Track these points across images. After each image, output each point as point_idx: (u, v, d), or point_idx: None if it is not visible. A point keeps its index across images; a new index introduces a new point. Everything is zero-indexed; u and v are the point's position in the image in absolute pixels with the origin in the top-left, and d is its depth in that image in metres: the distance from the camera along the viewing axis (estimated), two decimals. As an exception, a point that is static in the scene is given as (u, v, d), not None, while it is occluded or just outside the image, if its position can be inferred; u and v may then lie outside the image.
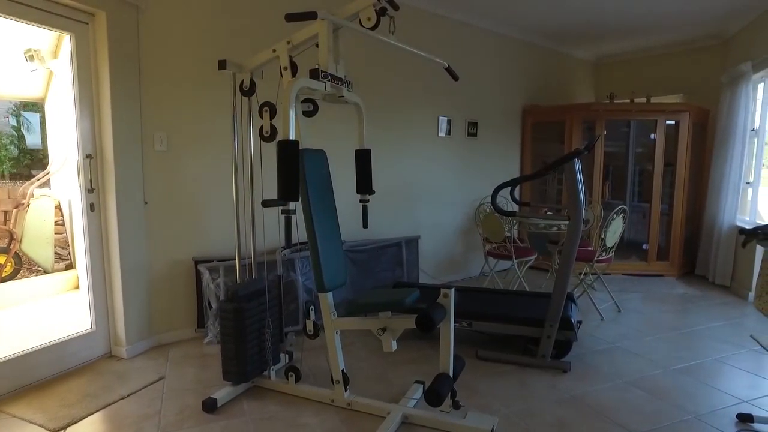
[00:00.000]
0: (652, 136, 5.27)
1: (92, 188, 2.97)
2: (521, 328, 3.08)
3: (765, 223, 2.37)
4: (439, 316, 2.12)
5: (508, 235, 4.27)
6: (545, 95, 6.02)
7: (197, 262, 3.44)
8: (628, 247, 5.60)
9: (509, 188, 3.46)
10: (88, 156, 2.94)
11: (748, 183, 5.03)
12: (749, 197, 5.06)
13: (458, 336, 3.51)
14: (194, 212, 3.45)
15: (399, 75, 4.55)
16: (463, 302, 3.46)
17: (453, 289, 2.20)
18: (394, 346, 2.33)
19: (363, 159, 2.68)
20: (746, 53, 4.93)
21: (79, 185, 2.97)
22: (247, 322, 2.59)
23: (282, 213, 2.07)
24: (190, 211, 3.43)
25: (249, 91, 2.68)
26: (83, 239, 3.02)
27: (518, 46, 5.70)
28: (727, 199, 5.02)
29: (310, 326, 2.57)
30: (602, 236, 3.88)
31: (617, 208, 3.85)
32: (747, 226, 2.46)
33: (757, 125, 4.97)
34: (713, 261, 5.18)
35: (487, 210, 4.38)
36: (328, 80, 2.29)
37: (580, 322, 3.32)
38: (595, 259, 3.98)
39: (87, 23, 2.86)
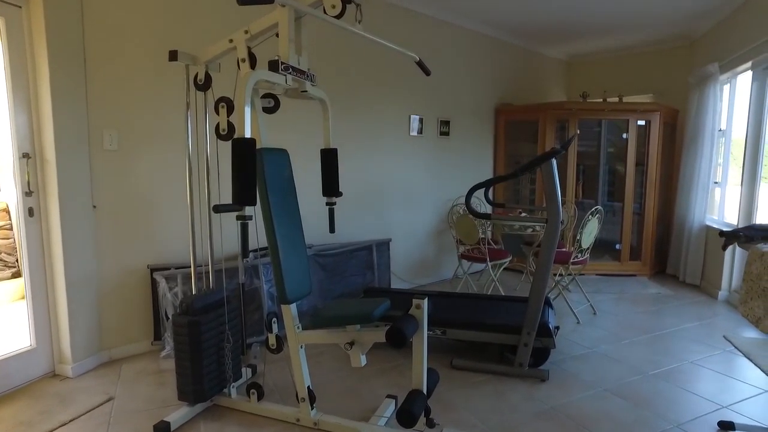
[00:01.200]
0: (624, 135, 5.25)
1: (30, 191, 2.70)
2: (497, 335, 2.95)
3: (745, 225, 2.29)
4: (411, 329, 1.96)
5: (482, 236, 4.15)
6: (518, 94, 5.94)
7: (153, 270, 3.19)
8: (600, 247, 5.57)
9: (483, 189, 3.34)
10: (25, 155, 2.67)
11: (716, 183, 5.06)
12: (717, 197, 5.10)
13: (432, 344, 3.36)
14: (149, 216, 3.20)
15: (368, 71, 4.38)
16: (436, 308, 3.31)
17: (426, 300, 2.04)
18: (363, 361, 2.16)
19: (329, 159, 2.50)
20: (713, 54, 4.95)
21: (15, 187, 2.69)
22: (203, 336, 2.38)
23: (237, 219, 1.87)
24: (144, 215, 3.18)
25: (204, 85, 2.46)
26: (22, 247, 2.74)
27: (491, 44, 5.60)
28: (696, 199, 5.03)
29: (272, 340, 2.37)
30: (578, 237, 3.80)
31: (593, 209, 3.78)
32: (725, 228, 2.39)
33: (724, 126, 5.00)
34: (684, 260, 5.19)
35: (461, 211, 4.25)
36: (289, 73, 2.10)
37: (557, 328, 3.22)
38: (571, 260, 3.90)
39: (20, 6, 2.59)
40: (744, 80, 4.84)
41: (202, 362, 2.37)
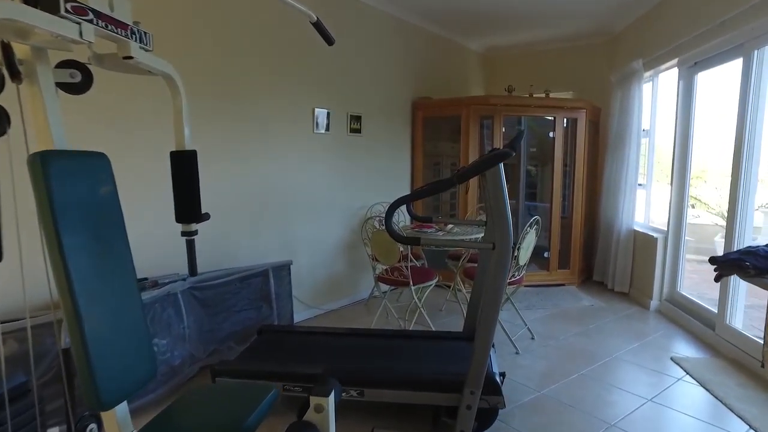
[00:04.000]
0: (551, 134, 4.85)
1: None
2: (431, 395, 2.25)
3: (743, 249, 1.78)
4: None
5: (402, 250, 3.47)
6: (436, 88, 5.35)
7: None
8: (527, 255, 5.15)
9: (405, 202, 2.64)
10: None
11: (641, 185, 4.81)
12: (642, 199, 4.86)
13: (346, 408, 2.58)
14: None
15: (262, 49, 3.51)
16: (348, 358, 2.55)
17: (332, 395, 1.26)
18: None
19: (181, 167, 1.63)
20: (636, 50, 4.68)
21: None
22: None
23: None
24: None
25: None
26: None
27: (407, 31, 4.95)
28: (624, 203, 4.74)
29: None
30: (515, 254, 3.23)
31: (531, 220, 3.23)
32: (717, 254, 1.87)
33: (647, 126, 4.76)
34: (612, 267, 4.90)
35: (377, 225, 3.53)
36: (87, 19, 1.22)
37: (503, 375, 2.60)
38: (507, 280, 3.32)
39: None
40: (667, 78, 4.62)
41: None
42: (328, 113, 4.11)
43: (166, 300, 2.71)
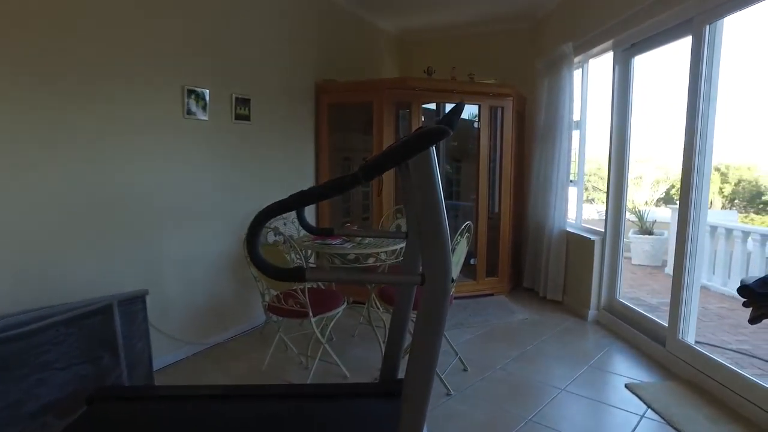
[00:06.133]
0: (476, 124, 4.27)
1: None
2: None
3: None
4: None
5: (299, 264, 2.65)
6: (344, 71, 4.57)
7: None
8: (451, 262, 4.54)
9: (298, 208, 1.85)
10: None
11: (571, 181, 4.38)
12: (573, 197, 4.44)
13: None
14: None
15: (91, 10, 2.52)
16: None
17: None
18: None
19: None
20: (563, 34, 4.22)
21: None
22: None
23: None
24: None
25: None
26: None
27: (307, 1, 4.12)
28: (555, 201, 4.27)
29: None
30: (443, 270, 2.53)
31: (462, 227, 2.55)
32: (747, 282, 1.28)
33: (578, 117, 4.33)
34: (543, 273, 4.42)
35: (266, 238, 2.68)
36: None
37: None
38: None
39: None
40: (599, 64, 4.21)
41: None
42: (204, 93, 3.18)
43: None
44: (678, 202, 2.99)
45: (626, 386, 2.75)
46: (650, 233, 7.23)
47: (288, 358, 3.13)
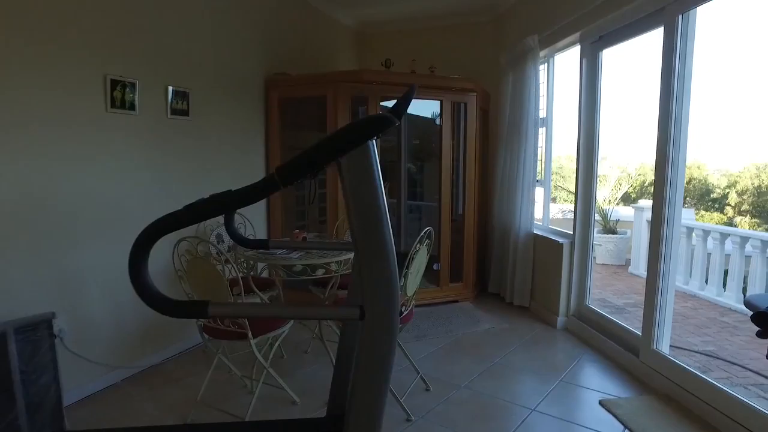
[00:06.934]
0: (438, 121, 4.01)
1: None
2: None
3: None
4: None
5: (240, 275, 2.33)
6: (297, 63, 4.24)
7: None
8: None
9: (228, 219, 1.58)
10: None
11: (538, 181, 4.19)
12: (540, 198, 4.25)
13: None
14: None
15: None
16: None
17: None
18: None
19: None
20: (529, 26, 4.02)
21: None
22: None
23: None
24: None
25: None
26: None
27: (253, -16, 3.77)
28: (521, 202, 4.06)
29: None
30: (401, 282, 2.26)
31: (422, 233, 2.28)
32: (757, 305, 1.04)
33: (544, 113, 4.14)
34: (510, 278, 4.21)
35: (197, 250, 2.33)
36: None
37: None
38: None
39: None
40: (565, 59, 4.03)
41: None
42: (133, 84, 2.80)
43: None
44: (649, 200, 2.81)
45: (600, 403, 2.54)
46: (614, 232, 7.19)
47: (231, 381, 2.80)
